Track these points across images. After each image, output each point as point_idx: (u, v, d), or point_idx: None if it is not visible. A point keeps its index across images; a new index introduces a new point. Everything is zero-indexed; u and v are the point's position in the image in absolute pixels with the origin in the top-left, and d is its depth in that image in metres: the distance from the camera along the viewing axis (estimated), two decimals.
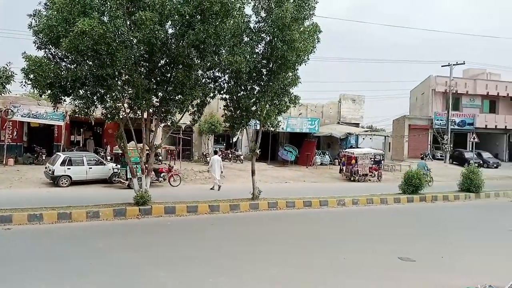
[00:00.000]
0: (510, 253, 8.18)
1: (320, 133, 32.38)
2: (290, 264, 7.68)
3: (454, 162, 35.39)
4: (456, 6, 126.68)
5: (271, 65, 12.90)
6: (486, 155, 37.27)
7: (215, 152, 20.22)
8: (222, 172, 18.51)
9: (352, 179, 23.12)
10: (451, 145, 38.01)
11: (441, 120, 39.78)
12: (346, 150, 26.28)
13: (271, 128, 14.47)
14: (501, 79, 44.98)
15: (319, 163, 30.53)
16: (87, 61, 10.86)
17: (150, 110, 12.69)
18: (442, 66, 38.14)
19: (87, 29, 9.46)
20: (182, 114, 13.05)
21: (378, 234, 10.71)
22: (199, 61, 11.89)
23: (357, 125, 36.82)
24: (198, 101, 13.10)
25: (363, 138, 33.98)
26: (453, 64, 36.85)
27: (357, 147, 30.27)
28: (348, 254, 8.42)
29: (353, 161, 23.29)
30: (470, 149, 36.06)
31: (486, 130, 41.84)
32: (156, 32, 10.40)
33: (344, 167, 24.24)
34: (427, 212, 14.61)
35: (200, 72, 12.53)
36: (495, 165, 35.23)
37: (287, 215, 13.02)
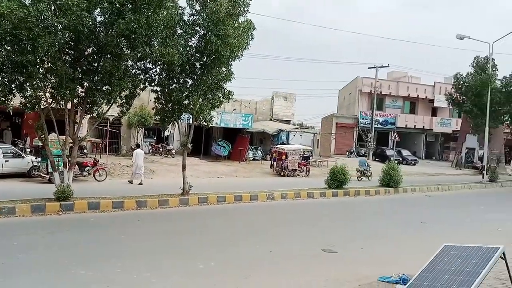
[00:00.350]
0: (421, 245, 8.86)
1: (253, 129, 32.78)
2: (217, 258, 7.71)
3: (376, 159, 37.57)
4: (384, 13, 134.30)
5: (204, 59, 12.79)
6: (405, 152, 40.01)
7: (138, 146, 19.67)
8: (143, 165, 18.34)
9: (282, 174, 23.72)
10: (375, 143, 40.40)
11: (366, 119, 42.10)
12: (277, 146, 26.86)
13: (204, 123, 14.38)
14: (421, 82, 48.55)
15: (252, 158, 30.91)
16: (5, 46, 10.02)
17: (75, 101, 12.00)
18: (368, 68, 40.51)
19: (5, 11, 8.73)
20: (109, 106, 12.51)
21: (304, 227, 11.10)
22: (129, 51, 11.47)
23: (288, 122, 37.77)
24: (127, 93, 12.63)
25: (294, 135, 34.95)
26: (378, 67, 39.14)
27: (288, 144, 31.09)
28: (274, 247, 8.64)
29: (284, 156, 23.90)
30: (391, 147, 38.68)
31: (406, 130, 45.00)
32: (84, 19, 9.87)
33: (275, 163, 24.82)
34: (350, 206, 15.40)
35: (130, 62, 12.10)
36: (413, 162, 37.94)
37: (217, 210, 13.03)
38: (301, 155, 25.30)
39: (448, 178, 27.68)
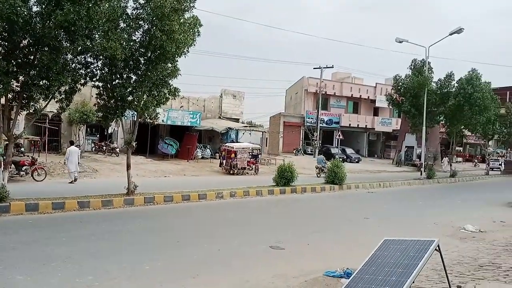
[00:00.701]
0: (364, 239, 9.16)
1: (202, 127, 32.48)
2: (164, 258, 7.51)
3: None
4: (330, 15, 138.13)
5: (149, 54, 12.38)
6: (349, 150, 41.48)
7: (71, 143, 18.84)
8: (79, 163, 17.69)
9: (231, 172, 23.69)
10: (320, 141, 41.46)
11: (312, 118, 43.13)
12: (227, 144, 26.79)
13: (150, 120, 13.98)
14: (363, 83, 50.49)
15: (200, 156, 30.63)
16: None
17: (9, 96, 11.20)
18: (314, 68, 41.33)
19: None
20: (47, 101, 11.80)
21: (253, 224, 11.13)
22: (68, 44, 10.91)
23: (237, 120, 37.82)
24: (67, 88, 11.99)
25: (243, 133, 35.06)
26: (323, 67, 40.11)
27: (237, 142, 31.12)
28: (223, 246, 8.56)
29: (233, 155, 23.87)
30: (336, 145, 39.88)
31: (350, 129, 46.63)
32: (18, 8, 9.21)
33: (224, 161, 24.73)
34: (297, 202, 15.66)
35: (69, 56, 11.50)
36: (356, 160, 39.39)
37: (164, 210, 12.72)
38: (250, 153, 25.41)
39: (389, 175, 29.02)
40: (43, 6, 10.15)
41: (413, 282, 4.09)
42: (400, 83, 29.71)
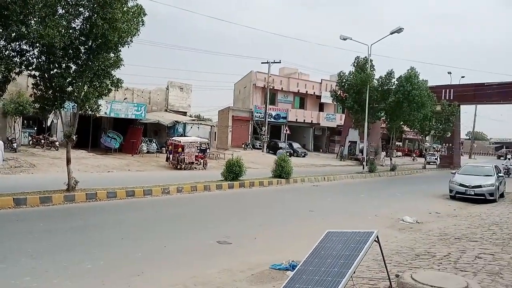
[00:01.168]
0: (309, 232, 9.39)
1: (147, 120, 31.67)
2: (107, 256, 7.26)
3: (270, 151, 39.09)
4: (277, 9, 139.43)
5: (90, 43, 11.78)
6: (296, 145, 42.34)
7: None
8: (4, 159, 16.72)
9: (179, 167, 23.32)
10: (268, 136, 41.96)
11: (260, 113, 43.48)
12: (173, 138, 26.32)
13: (91, 112, 13.38)
14: (309, 79, 51.61)
15: (146, 151, 29.89)
16: None
17: None
18: (262, 63, 41.63)
19: None
20: None
21: (200, 220, 11.04)
22: (0, 30, 10.12)
23: (185, 113, 37.30)
24: (0, 77, 11.17)
25: (191, 127, 34.64)
26: (271, 62, 40.49)
27: (185, 136, 30.69)
28: (169, 242, 8.43)
29: (180, 149, 23.50)
30: (284, 140, 40.56)
31: (296, 124, 47.59)
32: None
33: (171, 156, 24.28)
34: (245, 197, 15.76)
35: (2, 42, 10.68)
36: (303, 154, 40.28)
37: (107, 206, 12.27)
38: (198, 147, 25.16)
39: (333, 169, 29.97)
40: None
41: (354, 272, 4.25)
42: (344, 80, 30.72)
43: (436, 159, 42.99)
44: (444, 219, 12.60)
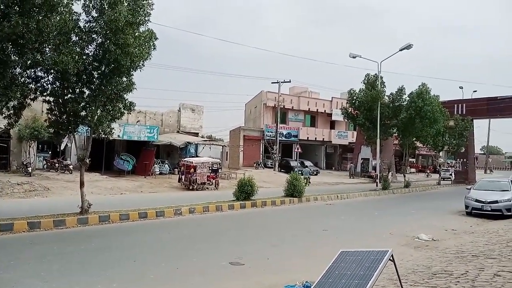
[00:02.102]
0: (323, 251, 9.25)
1: (160, 142, 31.91)
2: (120, 278, 7.24)
3: (282, 170, 38.94)
4: (287, 29, 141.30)
5: (103, 68, 12.08)
6: (308, 163, 42.10)
7: None
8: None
9: (191, 188, 23.36)
10: (280, 155, 41.86)
11: (271, 132, 43.54)
12: (185, 159, 26.44)
13: (104, 136, 13.57)
14: (319, 97, 51.71)
15: (158, 172, 30.04)
16: None
17: None
18: (272, 82, 41.85)
19: None
20: None
21: (212, 241, 10.97)
22: (16, 58, 10.42)
23: (196, 134, 37.54)
24: (15, 103, 11.46)
25: (203, 148, 34.80)
26: (281, 82, 40.69)
27: (197, 156, 30.81)
28: (181, 263, 8.37)
29: (192, 170, 23.57)
30: (295, 158, 40.40)
31: (308, 142, 47.49)
32: None
33: (183, 176, 24.36)
34: (257, 216, 15.64)
35: (18, 70, 10.98)
36: (315, 173, 39.99)
37: (120, 228, 12.30)
38: (210, 167, 25.22)
39: (346, 187, 29.68)
40: None
41: None
42: (355, 97, 30.63)
43: (450, 174, 42.27)
44: (460, 236, 12.30)
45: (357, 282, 4.07)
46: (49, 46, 10.76)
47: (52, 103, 12.51)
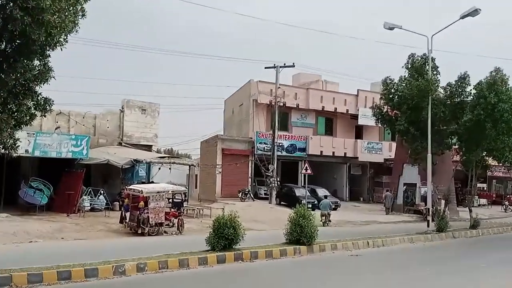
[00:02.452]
0: None
1: (91, 160, 31.65)
2: None
3: (282, 202, 38.87)
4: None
5: (3, 46, 12.02)
6: (322, 192, 41.45)
7: None
8: None
9: (140, 231, 23.10)
10: (278, 179, 41.52)
11: (265, 143, 43.08)
12: (132, 186, 26.22)
13: (3, 151, 13.43)
14: (339, 90, 51.47)
15: (89, 207, 29.80)
16: None
17: None
18: (265, 67, 41.28)
19: None
20: None
21: None
22: None
23: (149, 147, 37.45)
24: None
25: (159, 168, 34.66)
26: (280, 67, 40.21)
27: (150, 182, 30.61)
28: None
29: (142, 203, 23.33)
30: (302, 184, 40.00)
31: (322, 158, 47.11)
32: None
33: (128, 214, 24.12)
34: (242, 276, 15.55)
35: None
36: (333, 206, 39.82)
37: None
38: (170, 199, 25.02)
39: (381, 227, 29.66)
40: None
41: None
42: (393, 90, 30.64)
43: None
44: None
45: None
46: None
47: None
